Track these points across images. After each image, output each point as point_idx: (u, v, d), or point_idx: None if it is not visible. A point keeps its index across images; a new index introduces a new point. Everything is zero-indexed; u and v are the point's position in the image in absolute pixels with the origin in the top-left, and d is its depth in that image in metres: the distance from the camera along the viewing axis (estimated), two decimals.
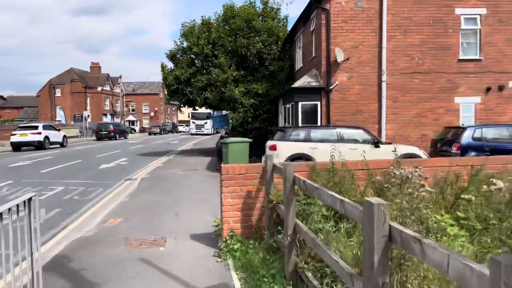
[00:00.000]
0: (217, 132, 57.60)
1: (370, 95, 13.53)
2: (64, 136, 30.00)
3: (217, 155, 14.37)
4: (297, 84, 13.68)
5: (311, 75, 13.99)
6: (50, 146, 27.34)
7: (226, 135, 21.84)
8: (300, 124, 13.46)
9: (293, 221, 4.09)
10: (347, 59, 13.29)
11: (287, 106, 15.38)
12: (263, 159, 12.26)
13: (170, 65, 21.09)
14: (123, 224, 7.53)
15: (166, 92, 21.45)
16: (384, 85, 13.41)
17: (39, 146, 25.95)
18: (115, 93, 68.85)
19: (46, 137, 26.56)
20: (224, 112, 26.23)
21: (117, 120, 63.83)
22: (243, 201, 5.62)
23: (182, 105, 22.42)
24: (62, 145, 29.30)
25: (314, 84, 13.58)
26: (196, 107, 22.38)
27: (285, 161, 11.07)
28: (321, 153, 10.94)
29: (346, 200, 2.71)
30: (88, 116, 57.82)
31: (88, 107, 59.98)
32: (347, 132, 11.46)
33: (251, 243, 5.36)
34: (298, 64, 17.99)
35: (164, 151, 24.82)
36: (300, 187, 3.99)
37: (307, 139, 11.27)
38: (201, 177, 13.06)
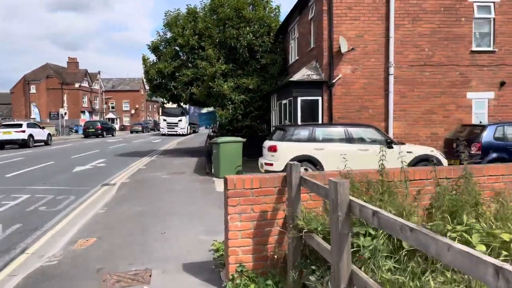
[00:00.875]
0: (194, 132, 52.11)
1: (376, 89, 12.27)
2: (49, 134, 29.78)
3: (206, 157, 12.92)
4: (295, 77, 12.30)
5: (311, 68, 12.64)
6: (35, 144, 26.93)
7: (213, 134, 20.37)
8: (299, 122, 12.10)
9: (348, 268, 2.70)
10: (353, 49, 11.98)
11: (283, 102, 14.01)
12: (260, 161, 10.85)
13: (152, 57, 19.49)
14: (96, 247, 6.03)
15: (148, 88, 19.83)
16: (391, 78, 12.16)
17: (23, 144, 25.62)
18: (93, 90, 66.26)
19: (31, 135, 26.25)
20: (205, 109, 24.58)
21: (95, 117, 61.39)
22: (256, 225, 4.21)
23: (165, 102, 20.78)
24: (46, 143, 28.77)
25: (314, 77, 12.24)
26: (181, 104, 20.78)
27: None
28: (328, 154, 9.63)
29: None
30: (65, 113, 55.42)
31: (65, 104, 57.47)
32: (356, 131, 10.15)
33: (268, 284, 3.95)
34: (293, 57, 16.63)
35: (146, 151, 23.16)
36: (364, 219, 2.60)
37: (311, 139, 9.91)
38: (189, 182, 11.58)
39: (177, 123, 43.62)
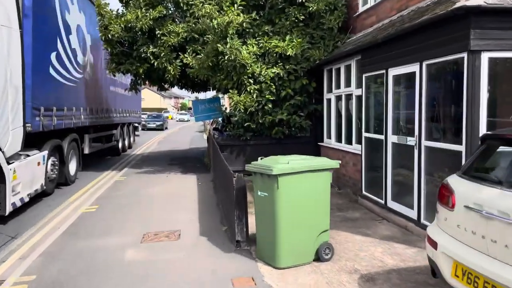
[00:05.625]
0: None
1: None
2: None
3: (235, 205, 5.20)
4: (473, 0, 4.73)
5: None
6: None
7: (219, 135, 12.39)
8: (481, 113, 4.58)
9: None
10: None
11: (404, 70, 6.37)
12: (447, 251, 3.19)
13: (115, 4, 11.50)
14: None
15: (109, 56, 11.77)
16: None
17: None
18: None
19: None
20: (188, 96, 16.22)
21: None
22: None
23: (138, 80, 12.70)
24: None
25: None
26: (166, 85, 12.87)
27: None
28: None
29: None
30: None
31: None
32: None
33: None
34: None
35: (114, 159, 15.21)
36: None
37: None
38: None
39: None
